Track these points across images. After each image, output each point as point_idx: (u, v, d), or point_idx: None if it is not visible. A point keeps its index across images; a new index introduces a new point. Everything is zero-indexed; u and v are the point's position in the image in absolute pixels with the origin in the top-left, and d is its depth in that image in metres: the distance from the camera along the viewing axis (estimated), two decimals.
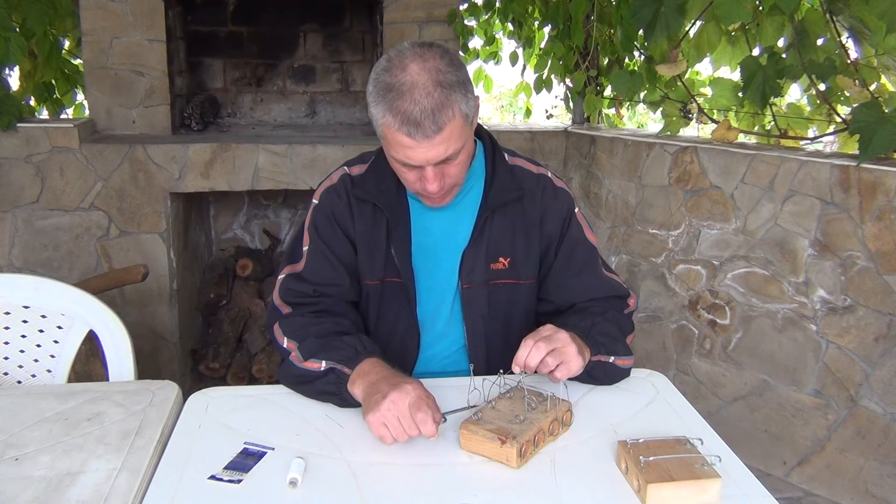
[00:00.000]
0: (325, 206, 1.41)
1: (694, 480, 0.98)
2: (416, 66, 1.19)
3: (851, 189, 2.28)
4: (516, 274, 1.42)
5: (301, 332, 1.32)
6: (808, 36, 2.50)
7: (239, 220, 3.70)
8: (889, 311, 2.23)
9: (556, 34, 3.40)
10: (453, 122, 1.20)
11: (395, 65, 1.20)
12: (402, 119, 1.18)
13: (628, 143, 2.94)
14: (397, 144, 1.22)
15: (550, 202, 1.43)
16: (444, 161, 1.24)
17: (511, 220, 1.41)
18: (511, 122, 6.51)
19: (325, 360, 1.25)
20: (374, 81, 1.22)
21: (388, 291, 1.41)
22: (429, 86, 1.18)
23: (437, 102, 1.18)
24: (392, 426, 1.10)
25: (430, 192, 1.27)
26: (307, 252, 1.40)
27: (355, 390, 1.20)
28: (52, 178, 2.83)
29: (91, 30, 2.95)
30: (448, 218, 1.42)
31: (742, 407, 2.65)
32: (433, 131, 1.18)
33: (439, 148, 1.21)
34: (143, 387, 1.31)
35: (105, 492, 0.99)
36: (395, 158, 1.26)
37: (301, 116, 3.65)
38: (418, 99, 1.17)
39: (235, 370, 3.18)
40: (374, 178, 1.40)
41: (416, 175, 1.27)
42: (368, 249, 1.39)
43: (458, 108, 1.20)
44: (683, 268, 2.77)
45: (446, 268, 1.42)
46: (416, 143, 1.19)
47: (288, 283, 1.39)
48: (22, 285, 1.55)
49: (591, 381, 1.32)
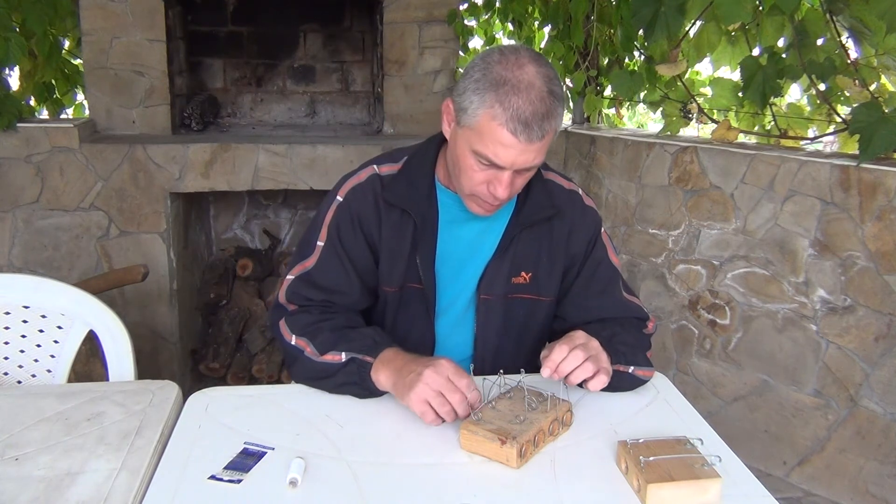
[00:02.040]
0: (350, 206, 1.35)
1: (694, 480, 0.98)
2: (534, 69, 1.17)
3: (851, 189, 2.28)
4: (537, 290, 1.40)
5: (311, 328, 1.31)
6: (808, 36, 2.50)
7: (239, 220, 3.70)
8: (889, 311, 2.23)
9: (555, 34, 3.40)
10: (551, 134, 1.19)
11: (510, 60, 1.18)
12: (513, 115, 1.14)
13: (628, 143, 2.94)
14: (493, 140, 1.17)
15: (579, 221, 1.41)
16: (525, 169, 1.22)
17: (538, 236, 1.38)
18: None
19: (345, 352, 1.25)
20: (484, 70, 1.18)
21: (406, 297, 1.38)
22: (543, 91, 1.16)
23: (548, 110, 1.16)
24: (435, 401, 1.12)
25: (500, 197, 1.23)
26: (322, 249, 1.36)
27: (379, 377, 1.21)
28: (52, 178, 2.83)
29: (91, 30, 2.95)
30: (477, 229, 1.39)
31: (742, 407, 2.65)
32: (538, 137, 1.16)
33: (531, 155, 1.19)
34: (143, 387, 1.31)
35: (105, 492, 0.99)
36: (481, 153, 1.20)
37: (301, 116, 3.65)
38: (533, 100, 1.15)
39: (235, 370, 3.18)
40: (406, 181, 1.35)
41: (488, 176, 1.23)
42: (391, 256, 1.36)
43: (559, 122, 1.19)
44: (683, 268, 2.77)
45: (467, 279, 1.39)
46: (516, 142, 1.16)
47: (295, 287, 1.36)
48: (22, 285, 1.55)
49: (607, 389, 1.28)
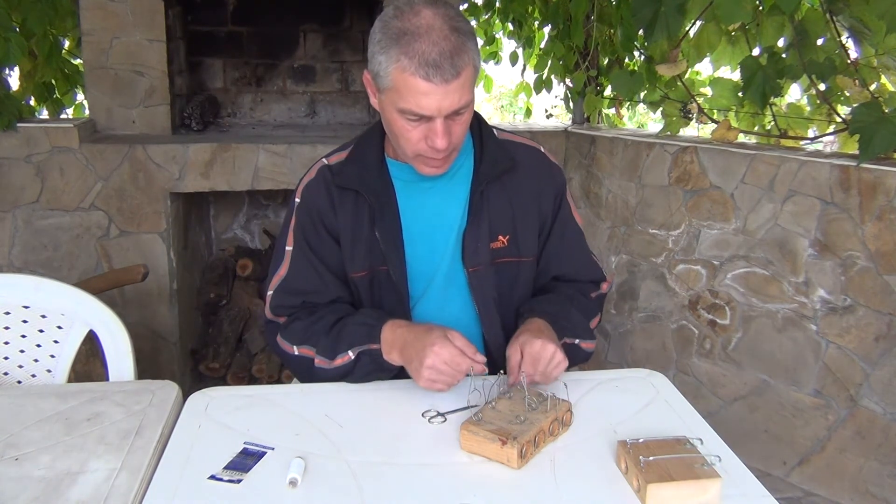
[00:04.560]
0: (307, 205, 1.37)
1: (694, 480, 0.98)
2: (430, 12, 1.16)
3: (851, 189, 2.28)
4: (517, 251, 1.39)
5: (308, 335, 1.32)
6: (808, 36, 2.50)
7: (239, 220, 3.70)
8: (889, 311, 2.23)
9: (556, 34, 3.40)
10: (468, 69, 1.17)
11: (405, 11, 1.17)
12: (421, 61, 1.13)
13: (628, 143, 2.94)
14: (411, 91, 1.16)
15: (546, 177, 1.41)
16: (455, 113, 1.20)
17: (507, 195, 1.37)
18: (511, 122, 6.51)
19: (351, 349, 1.27)
20: (383, 28, 1.17)
21: (377, 282, 1.38)
22: (445, 29, 1.15)
23: (455, 46, 1.15)
24: (444, 373, 1.17)
25: (439, 147, 1.20)
26: (291, 254, 1.38)
27: (392, 358, 1.25)
28: (52, 178, 2.83)
29: (91, 30, 2.95)
30: (439, 196, 1.37)
31: (742, 407, 2.65)
32: (452, 75, 1.14)
33: (454, 96, 1.17)
34: (143, 387, 1.31)
35: (105, 492, 0.99)
36: (405, 109, 1.18)
37: (301, 116, 3.65)
38: (437, 40, 1.14)
39: (235, 370, 3.18)
40: (355, 163, 1.36)
41: (423, 132, 1.21)
42: (350, 240, 1.36)
43: (472, 56, 1.18)
44: (683, 268, 2.77)
45: (441, 249, 1.38)
46: (433, 87, 1.14)
47: (277, 300, 1.38)
48: (22, 285, 1.55)
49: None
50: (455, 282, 1.39)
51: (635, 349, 3.01)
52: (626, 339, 3.04)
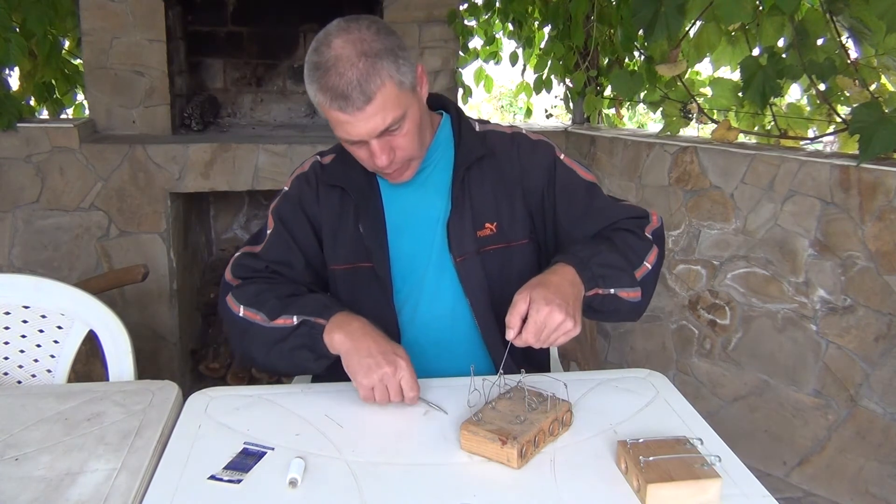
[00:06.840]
0: (294, 193, 1.42)
1: (694, 480, 0.98)
2: (340, 41, 1.16)
3: (851, 189, 2.28)
4: (505, 238, 1.38)
5: (259, 297, 1.31)
6: (808, 36, 2.50)
7: (239, 220, 3.70)
8: (889, 311, 2.23)
9: (555, 34, 3.40)
10: (384, 90, 1.16)
11: (321, 43, 1.18)
12: (332, 95, 1.16)
13: (628, 143, 2.94)
14: (336, 122, 1.20)
15: (528, 157, 1.40)
16: (386, 132, 1.21)
17: (489, 183, 1.38)
18: (511, 122, 6.51)
19: (297, 315, 1.26)
20: (307, 63, 1.20)
21: (361, 278, 1.38)
22: (352, 57, 1.15)
23: (362, 73, 1.15)
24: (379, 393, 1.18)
25: (381, 166, 1.24)
26: (269, 235, 1.41)
27: (333, 339, 1.22)
28: (52, 178, 2.83)
29: (91, 30, 2.95)
30: (421, 190, 1.39)
31: (742, 407, 2.65)
32: (363, 101, 1.15)
33: (375, 119, 1.18)
34: (143, 387, 1.31)
35: (105, 492, 0.99)
36: (340, 137, 1.24)
37: (301, 116, 3.65)
38: (343, 71, 1.15)
39: (235, 370, 3.18)
40: (342, 163, 1.39)
41: (366, 152, 1.24)
42: (334, 233, 1.39)
43: (388, 74, 1.17)
44: (683, 268, 2.77)
45: (430, 244, 1.38)
46: (349, 116, 1.17)
47: (241, 260, 1.40)
48: (22, 285, 1.55)
49: (596, 315, 1.28)
50: (446, 274, 1.38)
51: (635, 349, 3.01)
52: (626, 339, 3.04)
